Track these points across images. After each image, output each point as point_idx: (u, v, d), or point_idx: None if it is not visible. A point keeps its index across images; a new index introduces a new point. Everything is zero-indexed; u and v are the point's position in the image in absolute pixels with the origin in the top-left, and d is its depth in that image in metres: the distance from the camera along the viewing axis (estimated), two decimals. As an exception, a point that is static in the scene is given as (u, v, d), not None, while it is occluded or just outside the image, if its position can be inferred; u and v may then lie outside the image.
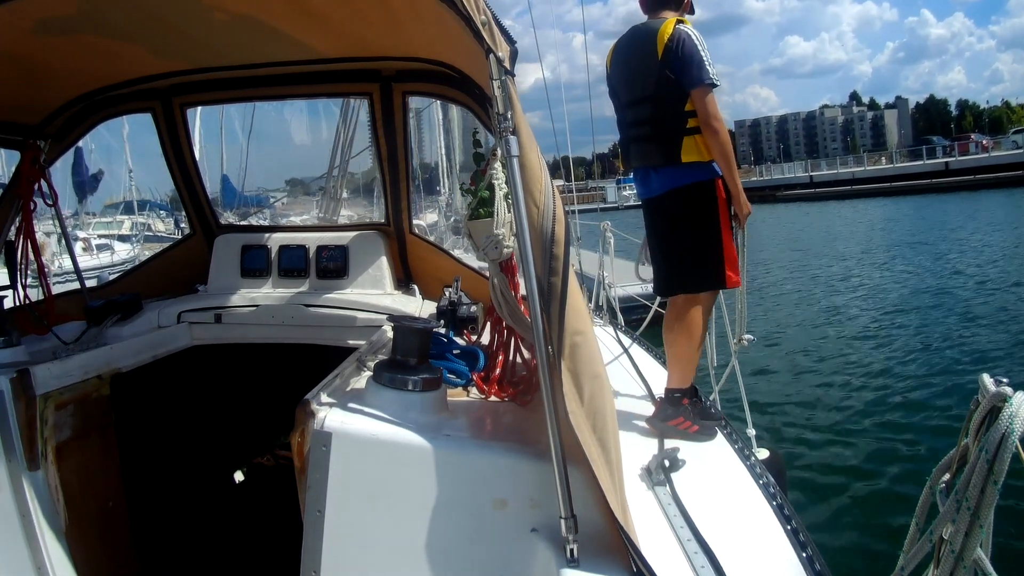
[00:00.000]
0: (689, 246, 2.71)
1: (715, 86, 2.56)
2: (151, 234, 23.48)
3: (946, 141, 68.60)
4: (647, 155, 2.75)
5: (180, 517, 2.93)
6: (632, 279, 3.62)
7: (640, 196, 2.89)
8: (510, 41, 1.45)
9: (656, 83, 2.63)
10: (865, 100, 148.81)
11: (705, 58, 2.55)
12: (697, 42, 2.57)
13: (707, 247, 2.66)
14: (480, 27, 1.38)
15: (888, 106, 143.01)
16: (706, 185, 2.63)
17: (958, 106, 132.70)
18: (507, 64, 1.41)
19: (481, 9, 1.39)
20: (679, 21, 2.64)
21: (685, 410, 2.56)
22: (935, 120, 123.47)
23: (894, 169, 56.33)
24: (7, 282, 2.81)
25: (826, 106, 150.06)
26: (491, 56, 1.39)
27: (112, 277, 4.03)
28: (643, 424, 2.59)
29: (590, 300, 5.18)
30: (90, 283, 3.34)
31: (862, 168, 59.98)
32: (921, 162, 55.16)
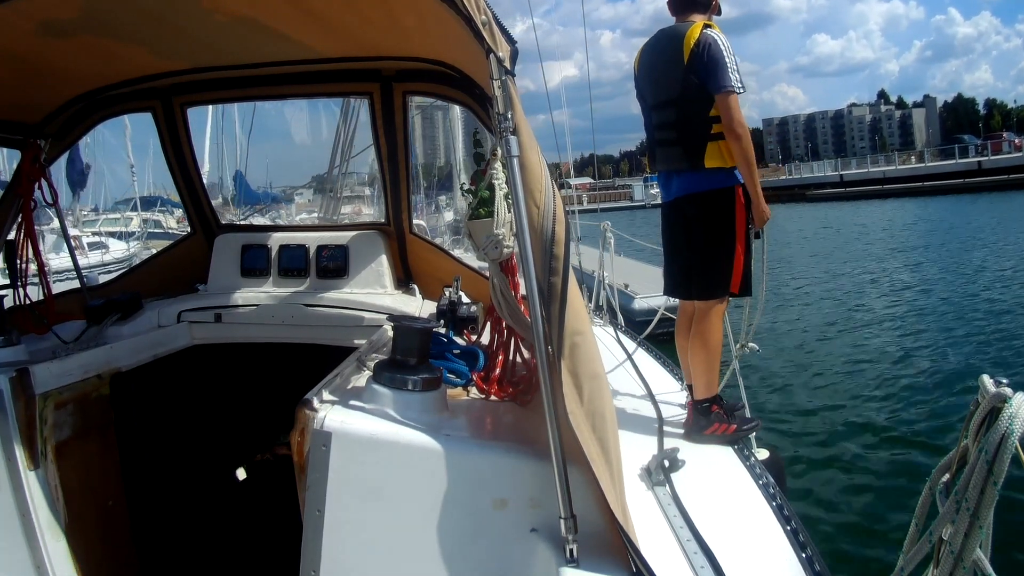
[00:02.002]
0: (702, 252, 2.72)
1: (739, 92, 2.55)
2: (162, 231, 23.30)
3: (978, 140, 67.52)
4: (671, 159, 2.76)
5: (180, 516, 2.93)
6: (656, 290, 3.48)
7: (662, 199, 2.91)
8: (510, 41, 1.45)
9: (682, 87, 2.64)
10: (893, 99, 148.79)
11: (730, 64, 2.55)
12: (723, 47, 2.57)
13: (719, 255, 2.67)
14: (480, 27, 1.38)
15: (916, 105, 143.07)
16: (726, 192, 2.65)
17: (986, 105, 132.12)
18: (507, 64, 1.41)
19: (481, 9, 1.39)
20: (707, 25, 2.65)
21: (718, 415, 2.59)
22: (963, 119, 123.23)
23: (926, 168, 55.05)
24: (7, 281, 2.81)
25: (854, 104, 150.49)
26: (491, 56, 1.39)
27: (101, 279, 4.00)
28: (643, 424, 2.59)
29: (590, 300, 5.18)
30: (76, 284, 3.33)
31: (893, 167, 58.69)
32: (953, 161, 54.05)
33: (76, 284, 3.24)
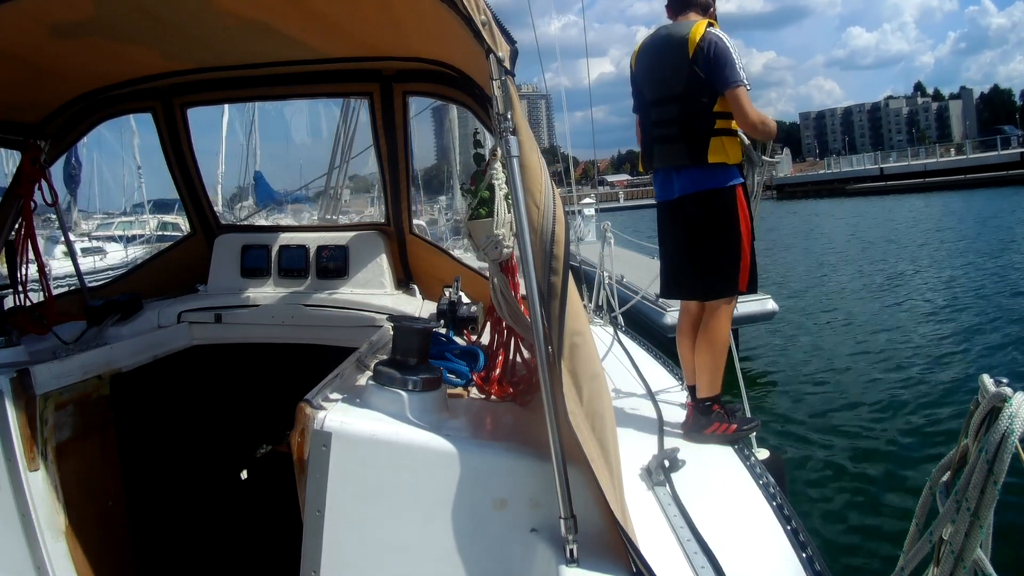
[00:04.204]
0: (709, 252, 2.70)
1: (748, 88, 2.55)
2: (180, 234, 23.08)
3: (1018, 131, 66.58)
4: (672, 155, 2.74)
5: (180, 517, 2.93)
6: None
7: (658, 198, 2.87)
8: (510, 41, 1.45)
9: (686, 82, 2.63)
10: (929, 91, 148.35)
11: (737, 60, 2.56)
12: (729, 45, 2.58)
13: (727, 254, 2.65)
14: (480, 27, 1.38)
15: (953, 97, 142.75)
16: (728, 190, 2.64)
17: (1022, 96, 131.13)
18: (507, 64, 1.41)
19: (481, 9, 1.39)
20: (709, 24, 2.65)
21: (718, 415, 2.57)
22: (1000, 110, 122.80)
23: (968, 160, 53.78)
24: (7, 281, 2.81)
25: (891, 97, 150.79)
26: (491, 56, 1.39)
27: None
28: (643, 424, 2.59)
29: (590, 300, 5.18)
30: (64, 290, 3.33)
31: (934, 160, 57.37)
32: (995, 153, 52.82)
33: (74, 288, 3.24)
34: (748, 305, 8.62)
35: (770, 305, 9.00)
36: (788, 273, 17.52)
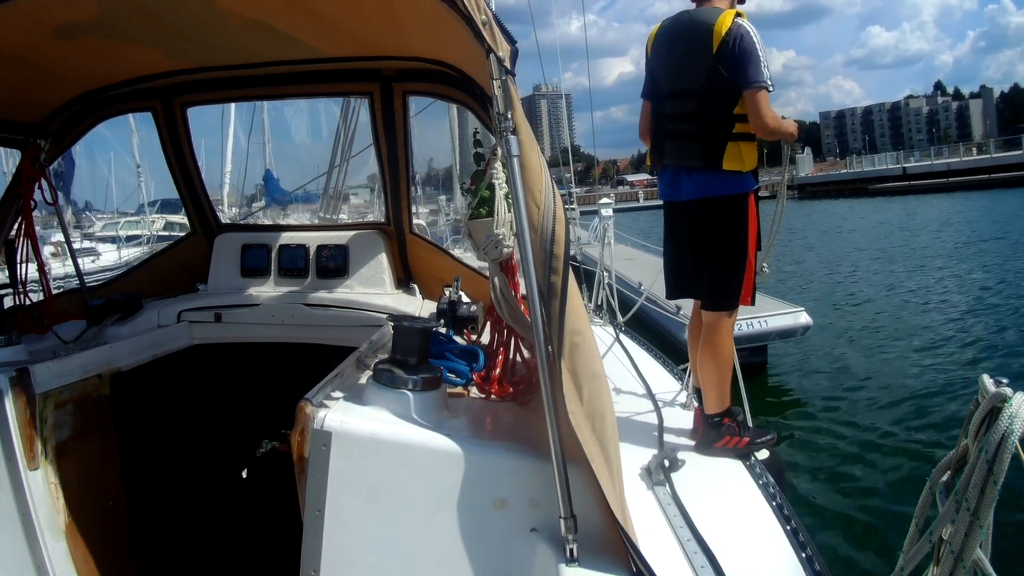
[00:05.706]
0: (713, 262, 2.60)
1: (770, 89, 2.41)
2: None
3: None
4: (684, 154, 2.60)
5: (180, 516, 2.93)
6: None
7: (664, 196, 2.75)
8: (510, 41, 1.46)
9: (706, 78, 2.47)
10: (949, 90, 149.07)
11: (763, 58, 2.41)
12: (756, 40, 2.42)
13: (733, 265, 2.55)
14: (480, 27, 1.38)
15: (973, 96, 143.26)
16: (740, 199, 2.52)
17: None
18: (507, 64, 1.42)
19: (481, 9, 1.39)
20: (737, 14, 2.49)
21: (728, 428, 2.48)
22: (1020, 109, 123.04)
23: (991, 160, 52.49)
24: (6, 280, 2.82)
25: (911, 96, 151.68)
26: (491, 56, 1.39)
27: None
28: (643, 424, 2.59)
29: (590, 300, 5.18)
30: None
31: (958, 159, 55.91)
32: (1020, 152, 51.22)
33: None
34: (781, 319, 8.44)
35: (803, 319, 8.57)
36: (805, 275, 17.38)
